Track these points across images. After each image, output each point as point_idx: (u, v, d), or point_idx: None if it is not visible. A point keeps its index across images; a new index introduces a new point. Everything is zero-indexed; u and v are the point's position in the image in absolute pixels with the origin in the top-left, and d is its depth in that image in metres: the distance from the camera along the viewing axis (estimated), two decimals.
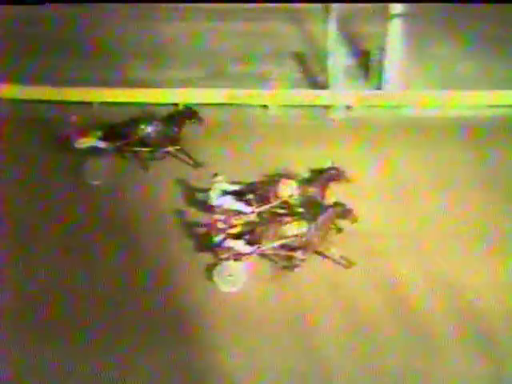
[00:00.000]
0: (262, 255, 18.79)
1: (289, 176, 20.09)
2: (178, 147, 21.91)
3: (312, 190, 19.58)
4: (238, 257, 18.41)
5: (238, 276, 18.40)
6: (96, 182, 21.48)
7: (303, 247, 18.53)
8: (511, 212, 20.01)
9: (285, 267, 18.74)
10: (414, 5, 23.73)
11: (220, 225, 18.61)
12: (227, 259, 18.37)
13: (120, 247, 19.56)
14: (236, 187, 19.58)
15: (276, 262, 18.88)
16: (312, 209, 19.12)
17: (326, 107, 23.86)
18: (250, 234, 18.56)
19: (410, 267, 18.71)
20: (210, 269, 18.65)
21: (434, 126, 22.86)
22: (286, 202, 19.53)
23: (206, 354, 17.13)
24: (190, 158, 21.86)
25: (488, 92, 23.43)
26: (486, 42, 24.95)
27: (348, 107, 23.85)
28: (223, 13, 27.47)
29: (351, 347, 17.12)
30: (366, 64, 24.56)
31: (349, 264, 18.69)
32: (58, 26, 27.09)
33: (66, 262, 19.12)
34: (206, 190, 19.66)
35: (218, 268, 18.46)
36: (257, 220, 19.25)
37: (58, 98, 24.07)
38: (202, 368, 16.91)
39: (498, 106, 23.32)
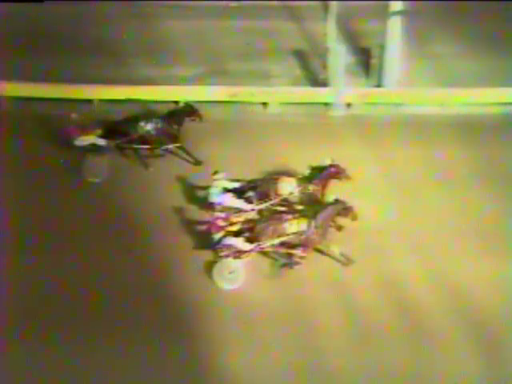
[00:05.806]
0: (262, 253, 18.80)
1: (289, 173, 20.08)
2: (178, 145, 21.90)
3: (312, 188, 19.58)
4: (237, 254, 18.42)
5: (237, 274, 18.42)
6: (96, 180, 21.46)
7: (303, 245, 18.54)
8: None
9: (285, 265, 18.75)
10: (414, 2, 23.71)
11: (220, 222, 18.63)
12: (227, 257, 18.38)
13: (119, 245, 19.56)
14: (236, 185, 19.57)
15: (276, 260, 18.90)
16: (312, 206, 19.14)
17: (326, 105, 23.83)
18: (250, 232, 18.58)
19: (411, 265, 18.72)
20: (209, 266, 18.67)
21: (435, 124, 22.82)
22: (286, 200, 19.54)
23: (205, 352, 17.14)
24: (190, 155, 21.84)
25: (488, 90, 23.37)
26: (487, 40, 24.89)
27: (348, 105, 23.82)
28: (223, 10, 27.43)
29: (351, 344, 17.15)
30: (366, 61, 24.54)
31: (348, 262, 18.71)
32: (58, 24, 26.99)
33: (64, 259, 19.12)
34: (206, 188, 19.66)
35: (218, 266, 18.47)
36: (257, 217, 19.26)
37: (58, 95, 24.01)
38: (202, 366, 16.92)
39: (498, 104, 23.27)
